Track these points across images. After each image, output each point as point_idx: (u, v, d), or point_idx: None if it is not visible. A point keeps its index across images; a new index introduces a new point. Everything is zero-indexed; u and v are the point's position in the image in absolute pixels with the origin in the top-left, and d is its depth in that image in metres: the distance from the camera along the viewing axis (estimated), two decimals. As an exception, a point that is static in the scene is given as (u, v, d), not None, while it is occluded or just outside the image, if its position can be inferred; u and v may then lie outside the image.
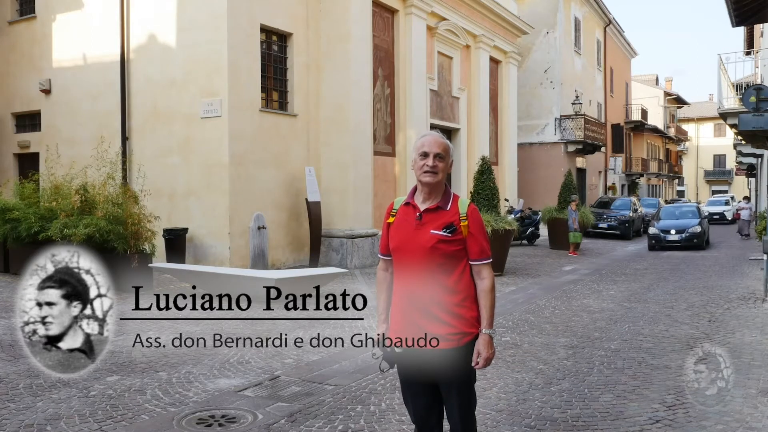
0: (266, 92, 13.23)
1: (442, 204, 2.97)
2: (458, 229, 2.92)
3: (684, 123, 61.94)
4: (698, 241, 19.01)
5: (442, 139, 3.01)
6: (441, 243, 2.89)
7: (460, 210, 2.96)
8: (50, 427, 4.38)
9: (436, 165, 2.93)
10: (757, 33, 25.08)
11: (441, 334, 2.89)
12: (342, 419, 4.56)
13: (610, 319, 8.32)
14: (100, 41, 13.76)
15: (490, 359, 2.93)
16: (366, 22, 14.33)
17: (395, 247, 3.00)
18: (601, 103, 33.78)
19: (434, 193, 2.98)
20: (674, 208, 22.03)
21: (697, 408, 4.76)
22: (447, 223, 2.91)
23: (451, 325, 2.89)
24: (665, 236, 19.09)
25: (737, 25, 14.58)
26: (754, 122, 11.28)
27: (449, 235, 2.90)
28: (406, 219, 2.99)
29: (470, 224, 2.94)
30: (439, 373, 2.95)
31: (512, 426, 4.44)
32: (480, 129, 20.47)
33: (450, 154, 3.02)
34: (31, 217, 10.48)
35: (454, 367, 2.92)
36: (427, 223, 2.93)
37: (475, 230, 2.96)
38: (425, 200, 2.98)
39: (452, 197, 3.01)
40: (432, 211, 2.95)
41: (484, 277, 2.96)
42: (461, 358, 2.91)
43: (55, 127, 14.72)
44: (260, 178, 12.71)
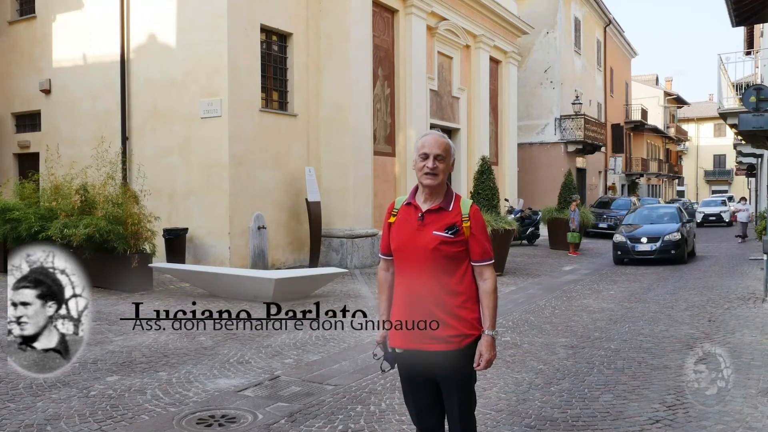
0: (266, 92, 13.23)
1: (444, 205, 2.94)
2: (460, 230, 2.90)
3: (684, 123, 61.94)
4: (677, 252, 14.86)
5: (443, 139, 2.98)
6: (443, 244, 2.87)
7: (463, 211, 2.94)
8: (50, 427, 4.38)
9: (436, 166, 2.91)
10: (757, 33, 25.07)
11: (442, 335, 2.88)
12: (342, 419, 4.56)
13: (610, 319, 8.32)
14: (100, 41, 13.76)
15: (491, 361, 2.92)
16: (366, 22, 14.33)
17: (396, 247, 2.98)
18: (601, 103, 33.78)
19: (436, 193, 2.96)
20: (650, 210, 17.60)
21: (697, 408, 4.76)
22: (449, 224, 2.89)
23: (452, 326, 2.87)
24: (634, 246, 15.01)
25: (737, 25, 14.57)
26: (754, 122, 11.28)
27: (451, 237, 2.88)
28: (407, 219, 2.97)
29: (472, 225, 2.93)
30: (440, 374, 2.95)
31: (512, 426, 4.44)
32: (480, 129, 20.48)
33: (451, 153, 2.99)
34: (31, 217, 10.48)
35: (455, 369, 2.91)
36: (429, 224, 2.91)
37: (478, 231, 2.94)
38: (427, 200, 2.96)
39: (454, 197, 2.99)
40: (434, 212, 2.93)
41: (486, 278, 2.95)
42: (462, 359, 2.90)
43: (55, 127, 14.72)
44: (260, 178, 12.71)
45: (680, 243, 14.94)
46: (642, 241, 14.95)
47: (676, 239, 14.92)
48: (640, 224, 16.12)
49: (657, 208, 17.91)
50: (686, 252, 15.33)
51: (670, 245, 14.79)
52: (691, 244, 16.41)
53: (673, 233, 15.06)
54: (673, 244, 14.83)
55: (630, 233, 15.38)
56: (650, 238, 14.95)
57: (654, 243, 14.84)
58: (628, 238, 15.18)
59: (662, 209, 17.60)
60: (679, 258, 14.88)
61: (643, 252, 14.88)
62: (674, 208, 17.22)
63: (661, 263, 14.68)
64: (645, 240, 14.93)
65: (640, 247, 14.92)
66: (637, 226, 15.97)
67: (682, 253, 15.01)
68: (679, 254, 14.90)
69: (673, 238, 14.91)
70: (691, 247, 16.42)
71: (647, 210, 17.76)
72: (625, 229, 15.93)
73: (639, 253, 14.90)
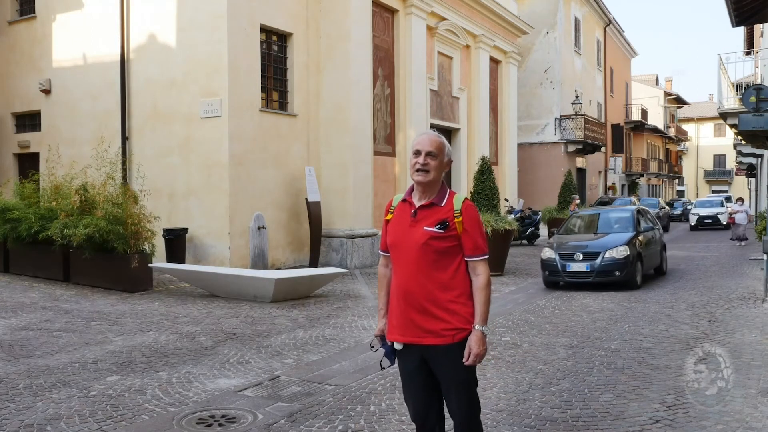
0: (266, 92, 13.23)
1: (436, 201, 2.98)
2: (451, 225, 2.92)
3: (684, 123, 61.99)
4: (624, 273, 10.81)
5: (436, 138, 3.02)
6: (433, 239, 2.90)
7: (455, 206, 2.96)
8: (50, 427, 4.38)
9: (427, 163, 2.94)
10: (757, 33, 25.08)
11: (435, 329, 2.90)
12: (342, 419, 4.56)
13: (610, 319, 8.32)
14: (100, 41, 13.77)
15: (481, 356, 2.92)
16: (366, 22, 14.33)
17: (392, 243, 3.03)
18: (601, 103, 33.79)
19: (429, 190, 2.99)
20: (594, 214, 13.22)
21: (697, 408, 4.76)
22: (440, 220, 2.92)
23: (445, 320, 2.90)
24: (566, 265, 10.99)
25: (737, 25, 14.57)
26: (754, 122, 11.28)
27: (441, 232, 2.90)
28: (402, 216, 3.02)
29: (464, 220, 2.94)
30: (436, 369, 2.97)
31: (512, 426, 4.44)
32: (480, 129, 20.48)
33: (445, 152, 3.01)
34: (31, 217, 10.49)
35: (450, 363, 2.93)
36: (421, 220, 2.95)
37: (469, 226, 2.95)
38: (421, 197, 3.00)
39: (448, 194, 3.02)
40: (426, 208, 2.97)
41: (478, 274, 2.96)
42: (456, 354, 2.91)
43: (55, 127, 14.72)
44: (260, 178, 12.71)
45: (628, 262, 10.85)
46: (576, 259, 10.98)
47: (623, 257, 10.83)
48: (579, 233, 12.53)
49: (608, 212, 13.27)
50: (639, 273, 11.25)
51: (613, 265, 10.78)
52: (655, 260, 12.54)
53: (619, 248, 10.92)
54: (618, 264, 10.78)
55: (562, 247, 11.44)
56: (587, 255, 11.00)
57: (591, 261, 10.89)
58: (559, 254, 11.19)
59: (613, 213, 12.96)
60: (628, 282, 10.93)
61: (577, 274, 10.93)
62: (629, 212, 12.53)
63: (602, 288, 10.84)
64: (580, 257, 10.97)
65: (572, 267, 10.95)
66: (576, 237, 12.24)
67: (631, 275, 10.95)
68: (627, 276, 10.89)
69: (618, 255, 10.83)
70: (657, 263, 12.72)
71: (592, 214, 13.49)
72: (557, 240, 11.97)
73: (571, 275, 10.96)
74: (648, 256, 11.96)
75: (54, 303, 8.95)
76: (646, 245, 11.98)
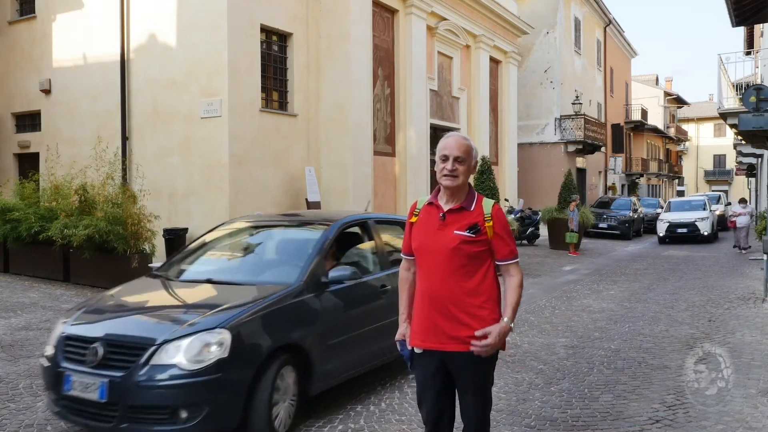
0: (266, 92, 13.22)
1: (465, 204, 2.94)
2: (482, 230, 2.89)
3: (684, 123, 61.94)
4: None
5: (464, 141, 2.96)
6: (464, 244, 2.86)
7: (485, 210, 2.92)
8: (50, 427, 4.38)
9: (455, 168, 2.90)
10: (757, 33, 25.08)
11: (460, 336, 2.86)
12: (342, 419, 4.56)
13: (610, 319, 8.32)
14: (100, 41, 13.76)
15: (495, 346, 2.86)
16: (366, 22, 14.33)
17: (417, 247, 2.98)
18: (601, 103, 33.78)
19: (457, 194, 2.95)
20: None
21: (697, 408, 4.76)
22: (471, 224, 2.88)
23: (471, 327, 2.86)
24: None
25: (737, 25, 14.58)
26: (754, 122, 11.29)
27: (473, 236, 2.86)
28: (429, 219, 2.97)
29: (495, 225, 2.91)
30: (455, 373, 2.94)
31: (512, 426, 4.44)
32: (480, 129, 20.48)
33: (473, 155, 2.97)
34: (31, 217, 10.48)
35: (471, 371, 2.91)
36: (450, 224, 2.90)
37: (501, 231, 2.93)
38: (449, 201, 2.96)
39: (476, 198, 2.98)
40: (455, 212, 2.92)
41: (513, 275, 2.96)
42: (478, 362, 2.88)
43: (55, 127, 14.71)
44: (260, 178, 12.71)
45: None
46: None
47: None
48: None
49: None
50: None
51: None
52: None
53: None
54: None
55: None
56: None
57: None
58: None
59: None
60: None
61: None
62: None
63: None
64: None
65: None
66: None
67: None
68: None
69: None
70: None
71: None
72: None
73: None
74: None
75: (54, 303, 8.95)
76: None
